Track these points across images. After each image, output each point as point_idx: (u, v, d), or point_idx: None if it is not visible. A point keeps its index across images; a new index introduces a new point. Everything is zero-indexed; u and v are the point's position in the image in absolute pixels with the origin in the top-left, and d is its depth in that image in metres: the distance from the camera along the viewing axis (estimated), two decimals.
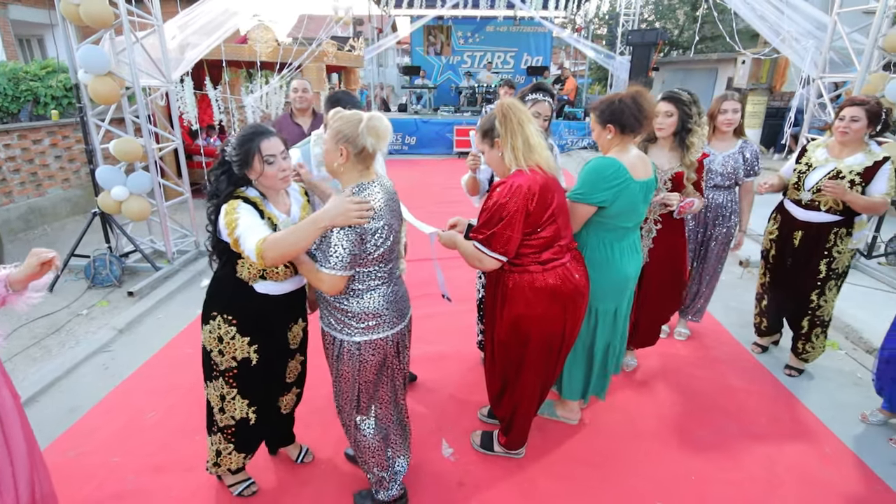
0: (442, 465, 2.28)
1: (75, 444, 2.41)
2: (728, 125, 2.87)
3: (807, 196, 2.65)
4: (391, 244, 1.67)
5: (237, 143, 1.65)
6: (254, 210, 1.65)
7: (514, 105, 1.81)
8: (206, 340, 1.83)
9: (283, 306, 1.86)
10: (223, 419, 1.93)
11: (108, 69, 3.71)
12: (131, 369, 3.01)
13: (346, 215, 1.51)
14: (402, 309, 1.80)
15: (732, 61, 9.46)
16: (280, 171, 1.67)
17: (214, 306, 1.79)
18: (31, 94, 6.00)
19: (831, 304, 2.79)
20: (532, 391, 2.12)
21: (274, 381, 1.99)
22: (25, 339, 3.37)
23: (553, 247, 1.88)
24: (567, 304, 1.93)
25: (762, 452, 2.37)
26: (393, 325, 1.75)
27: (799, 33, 4.29)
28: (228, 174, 1.68)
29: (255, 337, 1.81)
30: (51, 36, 10.98)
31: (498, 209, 1.78)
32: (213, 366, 1.85)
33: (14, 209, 5.41)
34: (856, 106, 2.47)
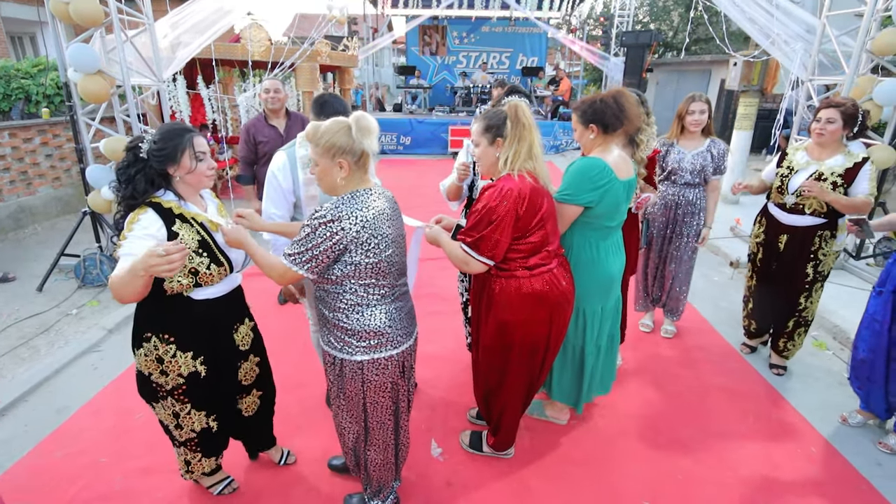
0: (430, 465, 2.28)
1: (63, 444, 2.39)
2: (695, 125, 2.94)
3: (791, 199, 2.68)
4: (389, 257, 1.59)
5: (163, 137, 1.57)
6: (157, 222, 1.55)
7: (526, 109, 1.81)
8: (143, 365, 1.70)
9: (224, 309, 1.78)
10: (183, 434, 1.85)
11: (97, 68, 3.69)
12: (120, 370, 2.99)
13: (146, 265, 1.32)
14: (408, 327, 1.71)
15: (726, 63, 9.51)
16: (209, 169, 1.66)
17: (146, 327, 1.66)
18: (23, 93, 5.96)
19: (816, 304, 2.83)
20: (517, 394, 2.12)
21: (228, 387, 1.90)
22: (14, 338, 3.35)
23: (541, 252, 1.88)
24: (553, 309, 1.93)
25: (749, 452, 2.39)
26: (398, 344, 1.66)
27: (789, 36, 4.32)
28: (145, 172, 1.57)
29: (198, 349, 1.72)
30: (43, 34, 10.89)
31: (487, 212, 1.76)
32: (157, 388, 1.74)
33: (4, 208, 5.36)
34: (832, 108, 2.50)
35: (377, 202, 1.56)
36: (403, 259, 1.71)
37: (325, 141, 1.50)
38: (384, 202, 1.60)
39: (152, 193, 1.60)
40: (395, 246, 1.62)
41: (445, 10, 11.75)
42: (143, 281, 1.40)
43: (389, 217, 1.60)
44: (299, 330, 3.42)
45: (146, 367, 1.71)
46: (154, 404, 1.80)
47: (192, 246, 1.61)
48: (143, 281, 1.40)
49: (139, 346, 1.69)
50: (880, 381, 2.38)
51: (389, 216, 1.60)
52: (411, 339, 1.74)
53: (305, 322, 3.57)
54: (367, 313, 1.59)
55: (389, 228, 1.59)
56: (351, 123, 1.52)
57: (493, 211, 1.75)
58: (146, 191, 1.58)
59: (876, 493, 2.16)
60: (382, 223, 1.56)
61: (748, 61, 5.44)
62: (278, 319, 3.61)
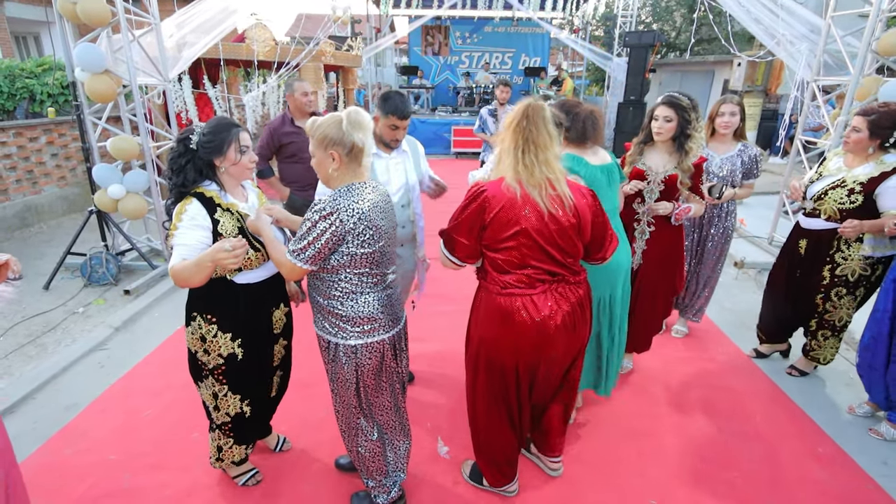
0: (437, 464, 2.29)
1: (71, 441, 2.41)
2: (726, 127, 2.90)
3: (809, 204, 2.66)
4: (382, 247, 1.66)
5: (212, 130, 1.70)
6: (202, 211, 1.68)
7: (537, 111, 1.63)
8: (190, 342, 1.84)
9: (264, 292, 1.89)
10: (219, 417, 1.96)
11: (104, 67, 3.71)
12: (127, 367, 3.01)
13: (214, 258, 1.53)
14: (397, 313, 1.80)
15: (729, 63, 9.50)
16: (250, 161, 1.78)
17: (194, 307, 1.81)
18: (27, 92, 5.98)
19: (842, 310, 2.67)
20: (489, 421, 1.94)
21: (263, 371, 2.01)
22: (21, 336, 3.37)
23: (514, 273, 1.69)
24: (524, 338, 1.72)
25: (755, 452, 2.39)
26: (389, 329, 1.75)
27: (794, 36, 4.32)
28: (194, 162, 1.71)
29: (236, 332, 1.83)
30: (47, 33, 10.93)
31: (458, 208, 1.73)
32: (202, 366, 1.87)
33: (10, 207, 5.39)
34: (859, 116, 2.43)
35: (371, 195, 1.62)
36: (394, 249, 1.77)
37: (319, 133, 1.60)
38: (378, 195, 1.67)
39: (200, 183, 1.73)
40: (388, 237, 1.69)
41: (448, 10, 11.76)
42: (210, 270, 1.59)
43: (382, 210, 1.67)
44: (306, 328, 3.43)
45: (193, 345, 1.84)
46: (199, 383, 1.94)
47: (231, 233, 1.72)
48: (210, 270, 1.59)
49: (188, 324, 1.83)
50: (881, 369, 2.42)
51: (382, 209, 1.67)
52: (400, 323, 1.83)
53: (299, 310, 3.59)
54: (360, 300, 1.67)
55: (383, 220, 1.65)
56: (343, 117, 1.60)
57: (459, 208, 1.71)
58: (195, 180, 1.71)
59: (882, 492, 2.16)
60: (377, 215, 1.62)
61: (752, 62, 5.44)
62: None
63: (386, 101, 2.23)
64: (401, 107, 2.22)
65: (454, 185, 4.67)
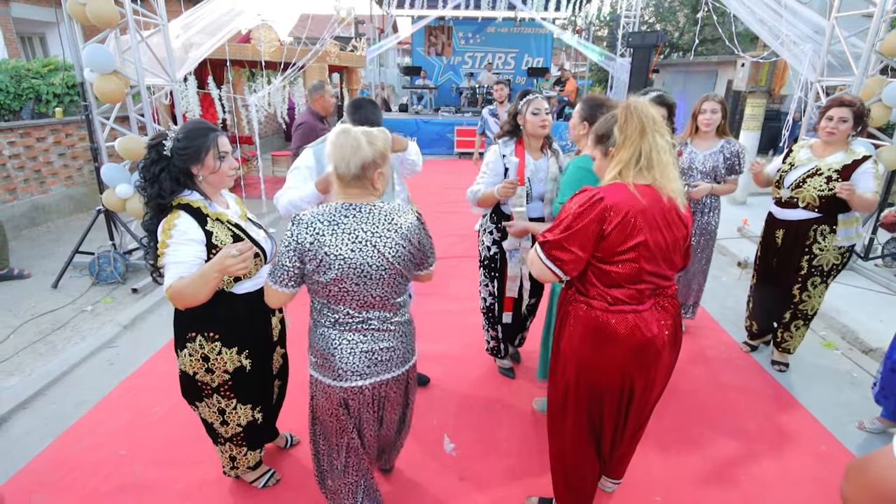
0: (443, 461, 2.32)
1: (81, 437, 2.44)
2: (707, 125, 2.96)
3: (786, 193, 2.72)
4: (341, 282, 1.44)
5: (187, 135, 1.55)
6: (193, 224, 1.56)
7: (643, 108, 1.49)
8: (188, 365, 1.71)
9: (262, 299, 1.73)
10: (228, 430, 1.89)
11: (113, 68, 3.75)
12: (136, 365, 3.04)
13: (222, 266, 1.46)
14: (365, 368, 1.54)
15: (733, 64, 9.50)
16: (230, 168, 1.66)
17: (191, 327, 1.68)
18: (33, 92, 6.02)
19: (816, 300, 2.81)
20: (580, 459, 1.79)
21: (267, 376, 1.98)
22: (31, 334, 3.40)
23: (627, 288, 1.54)
24: (632, 357, 1.58)
25: (759, 449, 2.41)
26: (340, 378, 1.54)
27: (798, 37, 4.33)
28: (169, 170, 1.56)
29: (242, 344, 1.75)
30: (53, 34, 10.99)
31: (566, 216, 1.51)
32: (202, 386, 1.76)
33: (18, 206, 5.43)
34: (844, 107, 2.51)
35: (348, 221, 1.44)
36: (373, 294, 1.50)
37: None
38: (356, 222, 1.44)
39: (179, 193, 1.60)
40: (355, 275, 1.44)
41: (451, 10, 11.79)
42: (217, 282, 1.52)
43: (357, 241, 1.43)
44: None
45: (190, 367, 1.73)
46: (197, 404, 1.83)
47: (226, 242, 1.63)
48: (217, 282, 1.52)
49: (183, 347, 1.71)
50: None
51: (360, 240, 1.43)
52: (364, 381, 1.55)
53: None
54: (317, 331, 1.57)
55: (351, 252, 1.42)
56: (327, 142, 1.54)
57: (574, 217, 1.48)
58: (173, 190, 1.57)
59: None
60: (342, 243, 1.42)
61: (756, 62, 5.44)
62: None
63: (357, 110, 2.17)
64: (371, 118, 2.14)
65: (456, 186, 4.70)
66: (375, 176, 1.49)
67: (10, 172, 5.36)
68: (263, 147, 9.94)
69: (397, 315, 1.60)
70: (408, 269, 1.55)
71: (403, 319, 1.63)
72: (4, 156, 5.28)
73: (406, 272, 1.55)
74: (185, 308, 1.58)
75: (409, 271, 1.57)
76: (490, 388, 2.85)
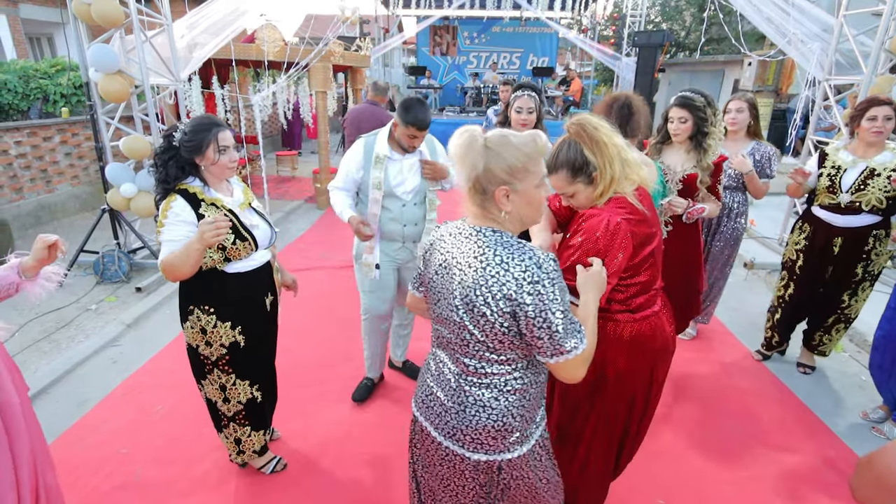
0: None
1: (84, 435, 2.45)
2: (731, 124, 2.86)
3: (846, 198, 2.57)
4: (435, 308, 1.28)
5: (193, 129, 1.72)
6: (186, 207, 1.72)
7: (590, 120, 1.43)
8: (190, 336, 1.88)
9: (254, 282, 1.92)
10: (230, 408, 2.00)
11: (117, 68, 3.76)
12: (139, 364, 3.05)
13: (200, 236, 1.58)
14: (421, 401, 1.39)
15: (739, 63, 9.42)
16: (230, 161, 1.78)
17: (190, 301, 1.85)
18: (41, 92, 6.07)
19: (861, 303, 2.76)
20: (601, 470, 1.76)
21: (266, 355, 2.07)
22: (35, 332, 3.42)
23: (649, 291, 1.56)
24: (655, 359, 1.61)
25: (764, 453, 2.38)
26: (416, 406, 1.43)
27: (805, 35, 4.28)
28: (176, 159, 1.74)
29: (235, 320, 1.88)
30: (61, 34, 11.08)
31: (593, 251, 1.41)
32: (204, 360, 1.90)
33: (24, 205, 5.47)
34: (885, 105, 2.44)
35: (447, 242, 1.26)
36: (443, 333, 1.27)
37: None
38: (456, 249, 1.22)
39: (182, 180, 1.76)
40: (437, 294, 1.25)
41: (456, 10, 11.77)
42: (199, 254, 1.64)
43: (443, 266, 1.23)
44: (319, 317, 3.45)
45: (193, 339, 1.87)
46: (202, 382, 1.96)
47: None
48: (199, 254, 1.64)
49: (186, 320, 1.86)
50: (890, 369, 2.41)
51: (446, 266, 1.22)
52: (416, 409, 1.38)
53: (321, 313, 3.61)
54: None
55: (435, 275, 1.25)
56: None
57: (602, 252, 1.40)
58: (177, 176, 1.75)
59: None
60: (431, 257, 1.29)
61: (763, 61, 5.39)
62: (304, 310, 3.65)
63: (407, 111, 2.17)
64: (421, 118, 2.16)
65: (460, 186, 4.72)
66: (497, 193, 1.15)
67: (17, 172, 5.40)
68: (267, 147, 9.97)
69: (466, 376, 1.24)
70: (485, 335, 1.16)
71: (472, 383, 1.23)
72: (11, 155, 5.31)
73: (484, 339, 1.16)
74: (175, 280, 1.74)
75: (491, 340, 1.16)
76: None
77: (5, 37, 9.92)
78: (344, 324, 3.48)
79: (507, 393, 1.21)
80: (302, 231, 5.82)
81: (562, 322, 1.10)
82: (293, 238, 5.53)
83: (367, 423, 2.56)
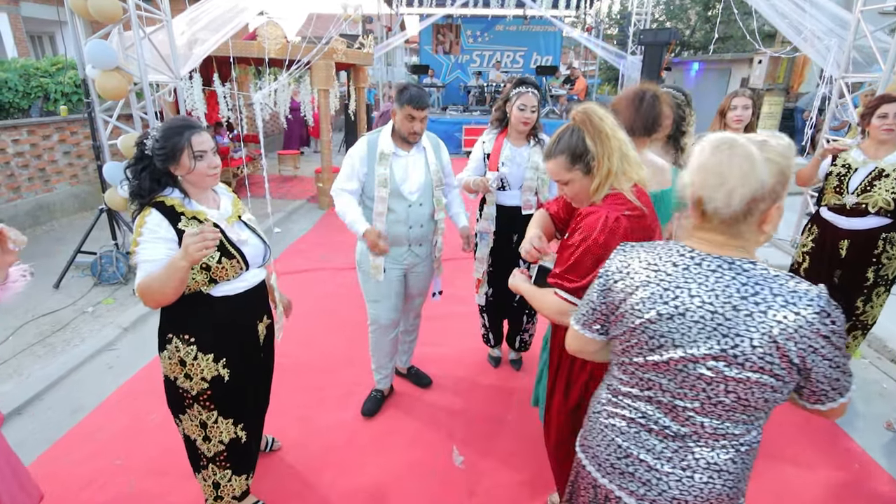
0: (452, 474, 2.21)
1: (77, 445, 2.36)
2: (738, 122, 2.78)
3: (851, 200, 2.49)
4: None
5: (163, 135, 1.50)
6: (163, 222, 1.50)
7: (596, 110, 1.41)
8: (168, 368, 1.65)
9: (245, 305, 1.70)
10: (211, 447, 1.74)
11: (115, 64, 3.67)
12: (135, 369, 2.96)
13: (184, 251, 1.36)
14: None
15: (747, 61, 9.30)
16: (210, 168, 1.55)
17: (168, 328, 1.62)
18: (42, 91, 6.00)
19: (877, 309, 2.66)
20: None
21: (253, 391, 1.82)
22: (30, 335, 3.34)
23: None
24: None
25: (784, 465, 2.28)
26: None
27: (822, 31, 4.17)
28: (150, 170, 1.52)
29: (219, 351, 1.64)
30: (62, 33, 11.03)
31: (594, 248, 1.34)
32: (183, 393, 1.66)
33: (22, 205, 5.40)
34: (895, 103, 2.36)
35: (638, 254, 1.16)
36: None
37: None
38: (667, 262, 1.08)
39: (159, 192, 1.55)
40: (675, 348, 1.04)
41: (460, 8, 11.69)
42: (184, 273, 1.42)
43: (674, 295, 1.04)
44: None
45: (171, 371, 1.65)
46: (181, 416, 1.72)
47: None
48: (184, 273, 1.42)
49: (163, 349, 1.65)
50: None
51: (676, 296, 1.03)
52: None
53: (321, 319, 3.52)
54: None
55: (660, 320, 1.07)
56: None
57: (602, 247, 1.33)
58: (152, 189, 1.53)
59: None
60: (642, 295, 1.10)
61: (775, 59, 5.28)
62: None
63: (402, 92, 2.14)
64: (416, 96, 2.11)
65: None
66: (771, 212, 0.98)
67: (14, 171, 5.32)
68: (269, 146, 9.90)
69: (698, 438, 1.07)
70: (746, 390, 0.99)
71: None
72: (8, 154, 5.24)
73: (745, 396, 1.00)
74: (156, 306, 1.53)
75: (752, 396, 1.00)
76: (500, 396, 2.73)
77: (6, 35, 9.88)
78: (346, 327, 3.39)
79: (744, 454, 1.08)
80: (304, 231, 5.74)
81: (846, 360, 1.02)
82: (295, 238, 5.45)
83: (372, 431, 2.47)
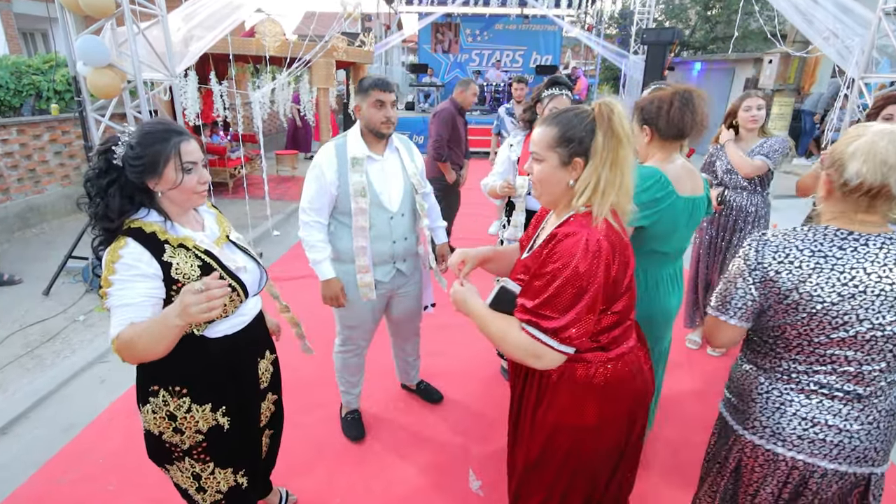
0: (469, 501, 2.06)
1: (67, 468, 2.20)
2: (754, 122, 2.69)
3: None
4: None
5: (142, 141, 1.21)
6: (144, 254, 1.21)
7: (622, 113, 1.21)
8: (152, 424, 1.36)
9: (245, 343, 1.46)
10: (207, 498, 1.49)
11: (108, 61, 3.51)
12: (129, 383, 2.79)
13: (185, 310, 1.08)
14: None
15: (751, 61, 9.21)
16: (199, 184, 1.28)
17: (153, 380, 1.34)
18: (34, 89, 5.81)
19: None
20: None
21: (253, 432, 1.58)
22: (18, 346, 3.17)
23: (625, 322, 1.30)
24: (635, 404, 1.34)
25: None
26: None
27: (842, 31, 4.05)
28: (120, 185, 1.22)
29: (218, 399, 1.39)
30: (54, 30, 10.80)
31: (574, 279, 1.13)
32: (172, 448, 1.39)
33: (12, 207, 5.21)
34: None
35: (845, 256, 1.17)
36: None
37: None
38: (829, 246, 1.17)
39: (132, 214, 1.24)
40: (856, 324, 1.15)
41: (459, 7, 11.55)
42: (178, 333, 1.15)
43: (850, 276, 1.14)
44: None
45: (156, 426, 1.37)
46: (167, 467, 1.44)
47: (191, 276, 1.27)
48: (178, 333, 1.15)
49: (145, 402, 1.36)
50: None
51: (851, 276, 1.14)
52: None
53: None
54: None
55: (839, 299, 1.15)
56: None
57: (584, 277, 1.13)
58: (123, 210, 1.22)
59: None
60: (811, 280, 1.15)
61: (786, 59, 5.17)
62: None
63: (362, 82, 1.97)
64: (380, 79, 1.95)
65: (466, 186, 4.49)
66: None
67: (3, 171, 5.13)
68: (267, 146, 9.71)
69: (876, 394, 1.19)
70: None
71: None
72: None
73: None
74: (136, 363, 1.23)
75: None
76: None
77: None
78: None
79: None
80: None
81: None
82: (293, 242, 5.28)
83: (380, 454, 2.32)
